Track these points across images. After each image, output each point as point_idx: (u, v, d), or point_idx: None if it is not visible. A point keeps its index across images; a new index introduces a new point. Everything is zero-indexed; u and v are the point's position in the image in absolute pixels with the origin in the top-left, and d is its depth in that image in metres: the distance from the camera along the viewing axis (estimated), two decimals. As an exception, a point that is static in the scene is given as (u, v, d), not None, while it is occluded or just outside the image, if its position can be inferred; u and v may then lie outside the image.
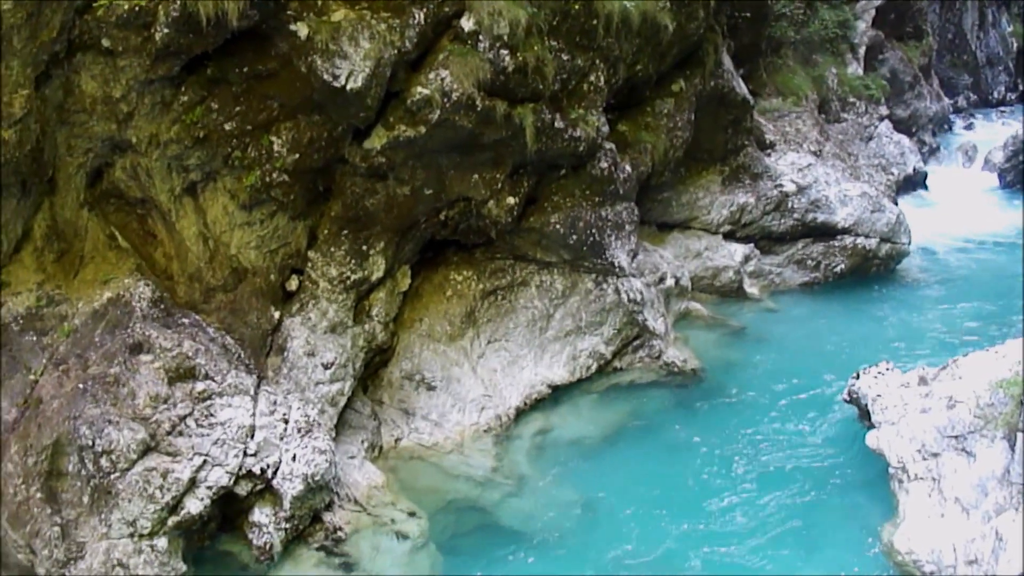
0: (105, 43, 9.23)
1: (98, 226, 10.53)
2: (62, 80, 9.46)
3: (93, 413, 9.29)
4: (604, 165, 12.93)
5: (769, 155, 18.13)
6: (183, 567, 9.35)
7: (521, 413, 12.53)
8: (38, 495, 9.19)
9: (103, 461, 9.13)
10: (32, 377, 9.76)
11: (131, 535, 9.11)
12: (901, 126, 26.39)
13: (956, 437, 9.48)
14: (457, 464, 11.51)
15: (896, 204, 19.05)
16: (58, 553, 9.02)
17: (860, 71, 24.86)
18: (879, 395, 10.89)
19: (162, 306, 10.28)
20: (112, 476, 9.13)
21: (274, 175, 10.40)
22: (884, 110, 24.77)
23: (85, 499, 9.15)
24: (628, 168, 13.60)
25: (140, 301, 10.17)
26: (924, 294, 17.59)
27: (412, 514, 10.41)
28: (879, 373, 11.42)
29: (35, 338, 9.92)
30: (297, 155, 10.38)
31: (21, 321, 9.93)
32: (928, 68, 30.47)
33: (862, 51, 25.13)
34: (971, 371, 10.14)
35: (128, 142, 10.00)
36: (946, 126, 32.67)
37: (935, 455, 9.66)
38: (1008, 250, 20.16)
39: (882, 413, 10.63)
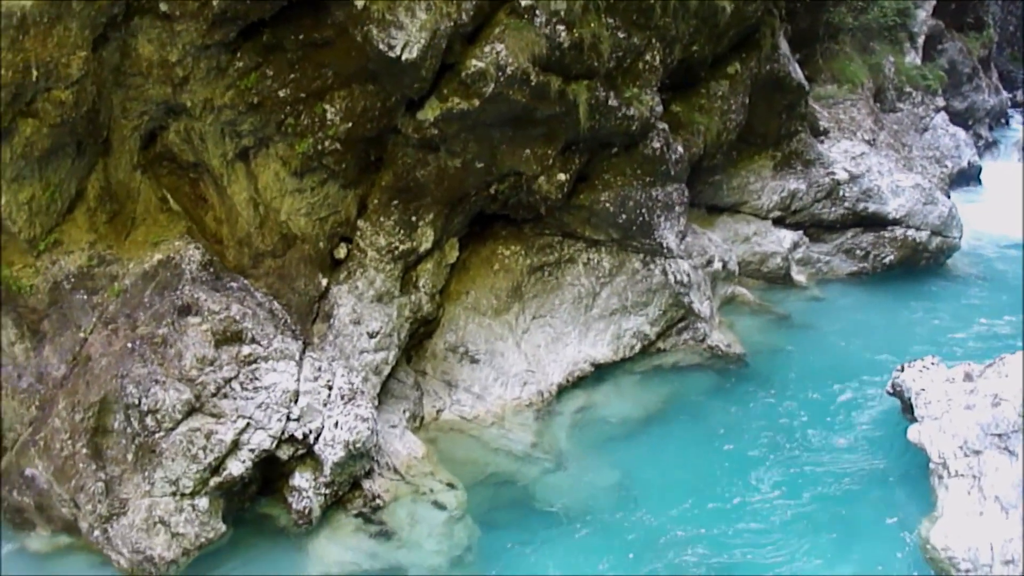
0: (162, 7, 9.29)
1: (150, 188, 10.63)
2: (119, 43, 9.53)
3: (140, 372, 9.41)
4: (656, 145, 12.86)
5: (822, 142, 17.97)
6: (223, 527, 9.49)
7: (563, 390, 12.54)
8: (84, 451, 9.34)
9: (148, 420, 9.26)
10: (82, 335, 9.89)
11: (173, 494, 9.25)
12: (957, 118, 26.01)
13: (999, 435, 9.40)
14: (497, 438, 11.56)
15: (949, 197, 18.80)
16: (101, 508, 9.17)
17: (918, 61, 24.49)
18: (923, 389, 10.78)
19: (211, 269, 10.38)
20: (157, 435, 9.26)
21: (326, 143, 10.43)
22: (941, 101, 24.42)
23: (129, 456, 9.28)
24: (680, 149, 13.52)
25: (190, 264, 10.27)
26: (972, 290, 17.39)
27: (450, 485, 10.46)
28: (924, 367, 11.31)
29: (85, 297, 10.04)
30: (350, 124, 10.41)
31: (72, 280, 10.06)
32: (988, 60, 29.99)
33: (921, 40, 24.74)
34: (1018, 369, 10.05)
35: (183, 106, 10.07)
36: (1003, 120, 32.15)
37: (977, 452, 9.58)
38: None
39: (925, 407, 10.53)
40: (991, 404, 9.72)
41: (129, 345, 9.64)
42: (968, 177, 24.44)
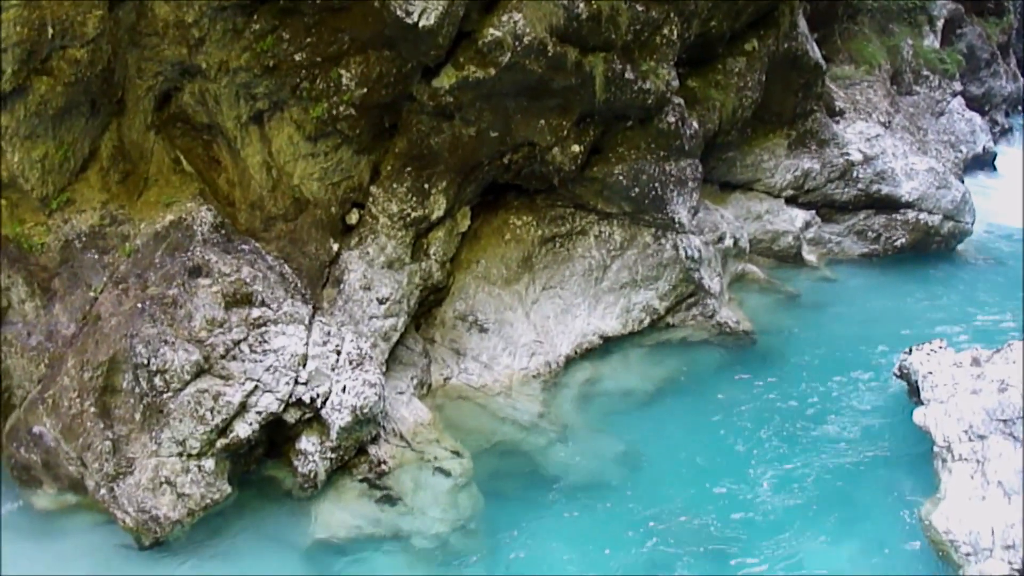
0: (180, -33, 9.29)
1: (163, 149, 10.64)
2: (135, 2, 9.54)
3: (150, 332, 9.44)
4: (671, 120, 12.81)
5: (837, 122, 17.88)
6: (228, 489, 9.54)
7: (571, 361, 12.56)
8: (92, 409, 9.38)
9: (157, 380, 9.29)
10: (92, 294, 9.93)
11: (180, 454, 9.30)
12: (974, 104, 25.82)
13: (1005, 421, 9.40)
14: (504, 407, 11.59)
15: (962, 182, 18.70)
16: (108, 467, 9.22)
17: (936, 44, 24.30)
18: (930, 372, 10.79)
19: (223, 231, 10.40)
20: (165, 395, 9.30)
21: (341, 108, 10.41)
22: (958, 86, 24.25)
23: (137, 416, 9.32)
24: (695, 124, 13.47)
25: (201, 225, 10.29)
26: (983, 275, 17.34)
27: (456, 453, 10.51)
28: (932, 351, 11.31)
29: (97, 256, 10.07)
30: (365, 89, 10.38)
31: (84, 239, 10.08)
32: (1007, 47, 29.74)
33: (940, 24, 24.55)
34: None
35: (198, 67, 10.06)
36: (1020, 107, 31.94)
37: (982, 437, 9.58)
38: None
39: (932, 391, 10.53)
40: (997, 389, 9.72)
41: (139, 305, 9.67)
42: (983, 163, 24.31)
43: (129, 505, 9.10)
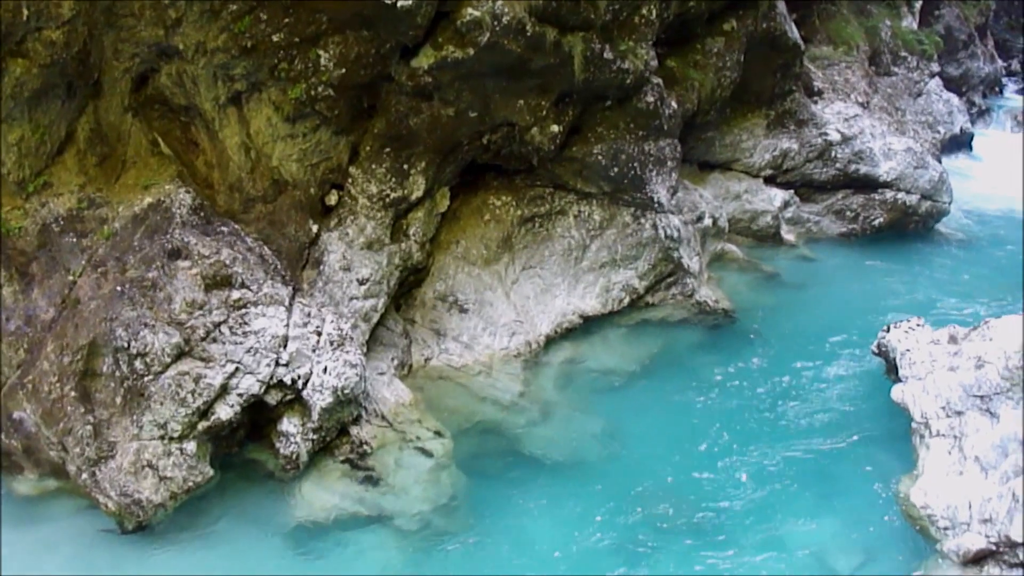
0: (156, -52, 9.24)
1: (141, 132, 10.58)
2: (112, -17, 9.48)
3: (129, 316, 9.41)
4: (650, 99, 12.82)
5: (816, 103, 17.95)
6: (210, 471, 9.54)
7: (551, 341, 12.59)
8: (72, 394, 9.36)
9: (137, 363, 9.27)
10: (71, 278, 9.88)
11: (161, 437, 9.29)
12: (952, 85, 25.93)
13: (982, 397, 9.48)
14: (484, 387, 11.63)
15: (940, 163, 18.82)
16: (89, 451, 9.20)
17: (915, 25, 24.38)
18: (908, 350, 10.86)
19: (202, 214, 10.36)
20: (145, 379, 9.28)
21: (319, 89, 10.37)
22: (936, 67, 24.33)
23: (118, 400, 9.30)
24: (674, 104, 13.49)
25: (180, 208, 10.25)
26: (960, 254, 17.46)
27: (437, 433, 10.54)
28: (910, 328, 11.38)
29: (75, 240, 10.02)
30: (343, 70, 10.34)
31: (62, 222, 10.03)
32: (984, 28, 29.88)
33: (918, 5, 24.63)
34: (1002, 333, 10.06)
35: (175, 49, 10.00)
36: (997, 89, 32.06)
37: (959, 413, 9.67)
38: (1046, 217, 19.97)
39: (909, 368, 10.61)
40: (974, 366, 9.79)
41: (118, 288, 9.63)
42: (960, 144, 24.42)
43: (111, 489, 9.08)
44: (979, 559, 8.51)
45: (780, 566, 9.03)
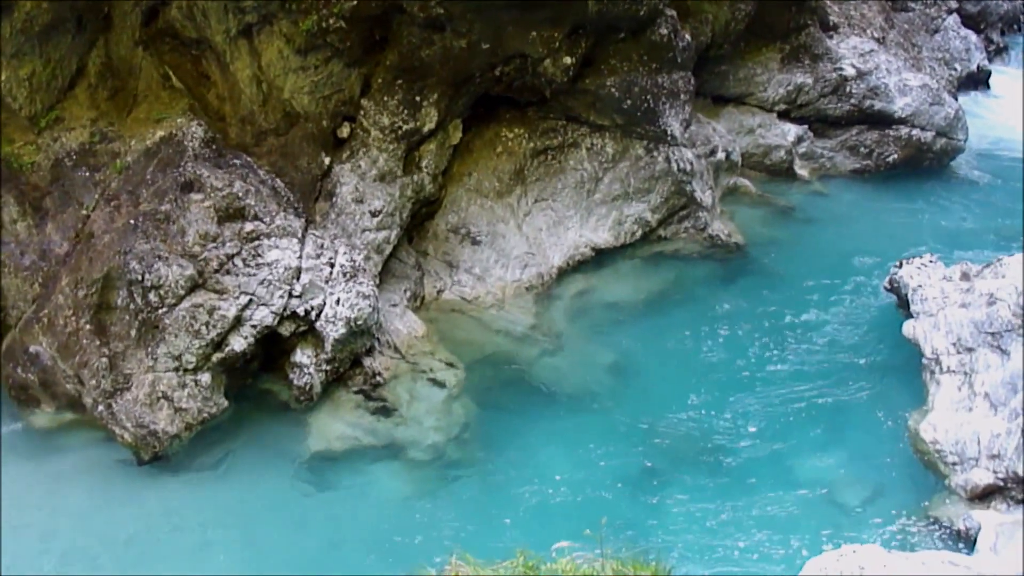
0: None
1: (152, 65, 10.58)
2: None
3: (143, 249, 9.47)
4: (664, 32, 12.69)
5: (831, 37, 17.72)
6: (224, 403, 9.66)
7: (563, 273, 12.60)
8: (87, 327, 9.45)
9: (151, 296, 9.34)
10: (84, 212, 9.93)
11: (176, 369, 9.39)
12: (969, 21, 25.50)
13: (993, 334, 9.49)
14: (496, 319, 11.68)
15: (956, 99, 18.61)
16: (105, 384, 9.31)
17: (933, -42, 24.05)
18: (920, 286, 10.84)
19: (214, 147, 10.37)
20: (160, 311, 9.36)
21: (331, 21, 10.33)
22: (953, 3, 23.96)
23: (133, 332, 9.39)
24: (687, 37, 13.35)
25: (192, 141, 10.25)
26: (974, 192, 17.32)
27: (450, 364, 10.63)
28: (922, 264, 11.35)
29: (87, 174, 10.06)
30: (355, 1, 10.29)
31: (74, 157, 10.07)
32: (1004, -36, 29.43)
33: (937, -62, 24.28)
34: (1015, 270, 10.08)
35: (185, -20, 9.96)
36: (1016, 27, 31.55)
37: (970, 350, 9.68)
38: (1063, 156, 19.80)
39: (921, 304, 10.60)
40: (986, 303, 9.79)
41: (132, 222, 9.69)
42: (976, 81, 24.08)
43: (127, 421, 9.20)
44: (986, 494, 8.60)
45: (789, 500, 9.11)
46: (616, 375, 10.88)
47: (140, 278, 9.34)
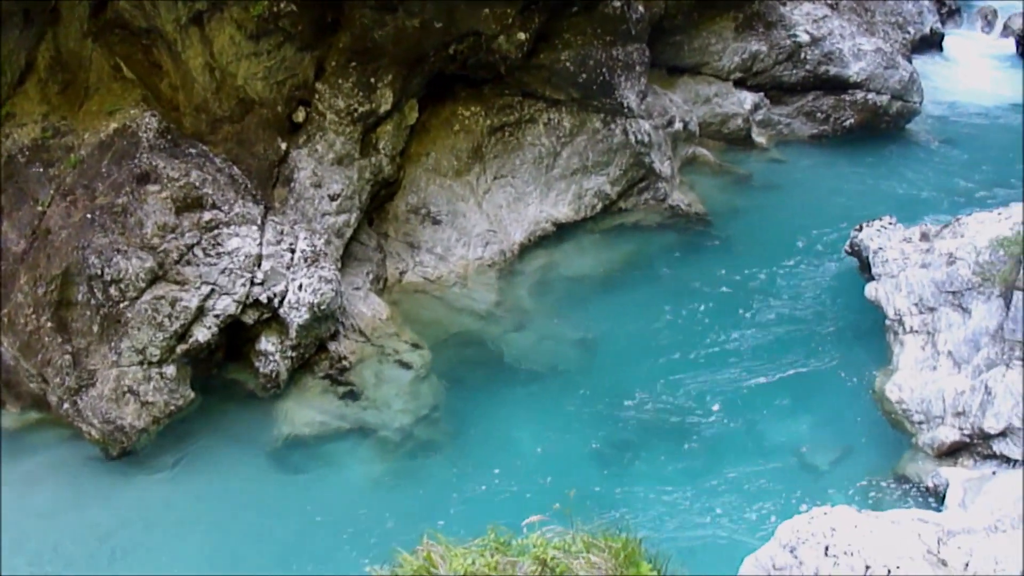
0: None
1: (102, 57, 10.47)
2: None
3: (101, 243, 9.39)
4: (617, 4, 12.70)
5: (784, 4, 17.76)
6: (191, 394, 9.62)
7: (525, 249, 12.64)
8: (48, 324, 9.37)
9: (112, 290, 9.26)
10: (40, 208, 9.82)
11: (140, 363, 9.33)
12: (921, -15, 25.72)
13: (954, 293, 9.57)
14: (460, 298, 11.70)
15: (910, 63, 18.73)
16: (69, 381, 9.24)
17: (884, -78, 24.09)
18: (881, 248, 10.92)
19: (169, 136, 10.28)
20: (121, 305, 9.28)
21: (282, 5, 10.28)
22: (905, -34, 24.13)
23: (95, 328, 9.32)
24: (641, 9, 13.36)
25: (147, 131, 10.16)
26: (931, 154, 17.45)
27: (415, 346, 10.62)
28: (882, 227, 11.43)
29: (41, 169, 9.96)
30: (306, -16, 10.22)
31: (27, 152, 9.97)
32: (956, -75, 29.52)
33: (888, -98, 24.31)
34: (973, 230, 10.17)
35: (132, -31, 9.85)
36: (968, -11, 31.78)
37: (932, 309, 9.77)
38: (1018, 116, 19.90)
39: (882, 266, 10.69)
40: (946, 263, 9.87)
41: (89, 216, 9.60)
42: (931, 44, 24.20)
43: (94, 417, 9.15)
44: (953, 451, 8.68)
45: (759, 466, 9.18)
46: (581, 349, 10.90)
47: (100, 272, 9.26)
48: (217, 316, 9.57)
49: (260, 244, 9.91)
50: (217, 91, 10.63)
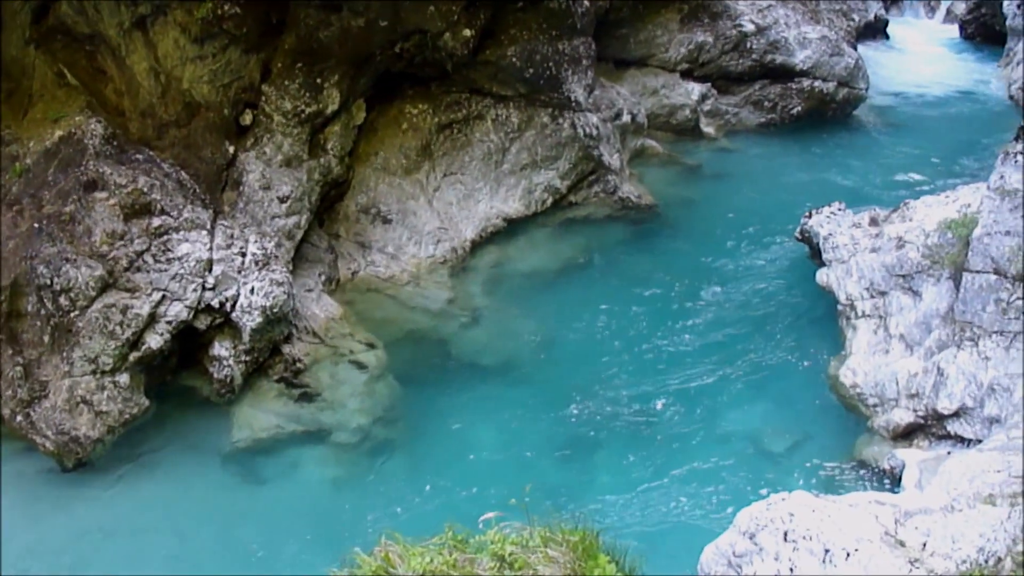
0: None
1: (46, 64, 10.36)
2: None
3: (50, 252, 9.27)
4: (561, -2, 12.77)
5: (729, -6, 17.92)
6: (146, 402, 9.51)
7: (477, 246, 12.65)
8: (-2, 337, 9.26)
9: (62, 300, 9.16)
10: (-15, 219, 9.71)
11: (93, 372, 9.22)
12: (865, -28, 25.95)
13: (904, 276, 9.66)
14: (413, 296, 11.68)
15: (855, 50, 18.93)
16: (22, 393, 9.12)
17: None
18: (830, 234, 11.02)
19: (115, 143, 10.17)
20: (72, 314, 9.18)
21: (225, 7, 10.21)
22: (848, -46, 24.33)
23: (46, 338, 9.20)
24: (586, 2, 13.42)
25: (92, 138, 10.05)
26: (879, 139, 17.66)
27: (370, 345, 10.58)
28: (831, 213, 11.53)
29: (-14, 180, 9.84)
30: (249, -14, 10.17)
31: (-29, 164, 9.84)
32: (899, -90, 29.82)
33: None
34: (921, 213, 10.28)
35: (73, -26, 9.75)
36: (911, -24, 32.11)
37: (883, 293, 9.87)
38: (964, 100, 20.20)
39: (833, 252, 10.78)
40: (895, 247, 9.96)
41: (36, 225, 9.47)
42: (875, 30, 24.49)
43: (47, 429, 9.03)
44: (908, 433, 8.77)
45: (716, 455, 9.22)
46: (536, 344, 10.92)
47: (49, 282, 9.15)
48: (169, 322, 9.49)
49: (210, 249, 9.84)
50: (163, 96, 10.55)
